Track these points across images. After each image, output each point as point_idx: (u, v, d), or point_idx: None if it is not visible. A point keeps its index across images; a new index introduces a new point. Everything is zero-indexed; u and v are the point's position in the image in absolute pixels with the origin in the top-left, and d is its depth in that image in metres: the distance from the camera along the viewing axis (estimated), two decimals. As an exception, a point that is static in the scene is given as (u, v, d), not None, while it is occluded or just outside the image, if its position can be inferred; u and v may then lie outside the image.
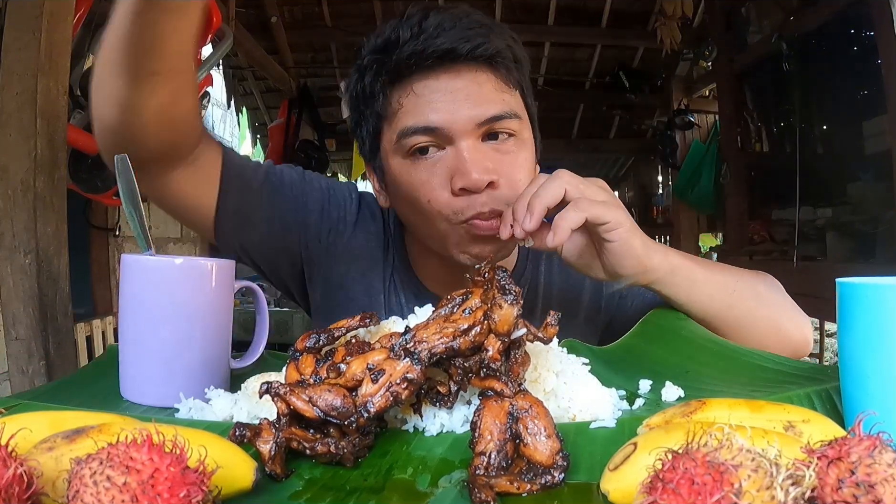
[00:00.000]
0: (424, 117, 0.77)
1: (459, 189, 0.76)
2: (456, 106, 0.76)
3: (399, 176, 0.81)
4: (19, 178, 1.36)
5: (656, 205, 6.01)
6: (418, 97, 0.77)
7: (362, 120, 0.84)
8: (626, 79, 5.03)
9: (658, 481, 0.32)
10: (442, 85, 0.77)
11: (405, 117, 0.78)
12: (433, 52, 0.75)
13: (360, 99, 0.83)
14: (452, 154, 0.77)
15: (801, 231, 3.03)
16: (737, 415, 0.46)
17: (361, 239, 0.95)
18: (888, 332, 0.47)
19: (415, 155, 0.79)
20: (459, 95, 0.77)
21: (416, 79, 0.77)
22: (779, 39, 3.23)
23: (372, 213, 0.97)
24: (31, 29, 1.37)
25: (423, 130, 0.77)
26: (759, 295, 0.83)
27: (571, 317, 0.96)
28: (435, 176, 0.78)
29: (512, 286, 0.53)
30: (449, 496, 0.44)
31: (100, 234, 3.03)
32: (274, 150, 4.74)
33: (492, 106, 0.77)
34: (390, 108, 0.79)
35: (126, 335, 0.66)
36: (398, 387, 0.49)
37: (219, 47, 2.66)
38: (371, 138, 0.84)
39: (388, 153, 0.82)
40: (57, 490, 0.35)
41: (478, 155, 0.77)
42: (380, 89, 0.79)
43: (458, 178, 0.76)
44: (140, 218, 0.71)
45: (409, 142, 0.78)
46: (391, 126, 0.80)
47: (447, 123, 0.76)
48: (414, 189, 0.79)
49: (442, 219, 0.78)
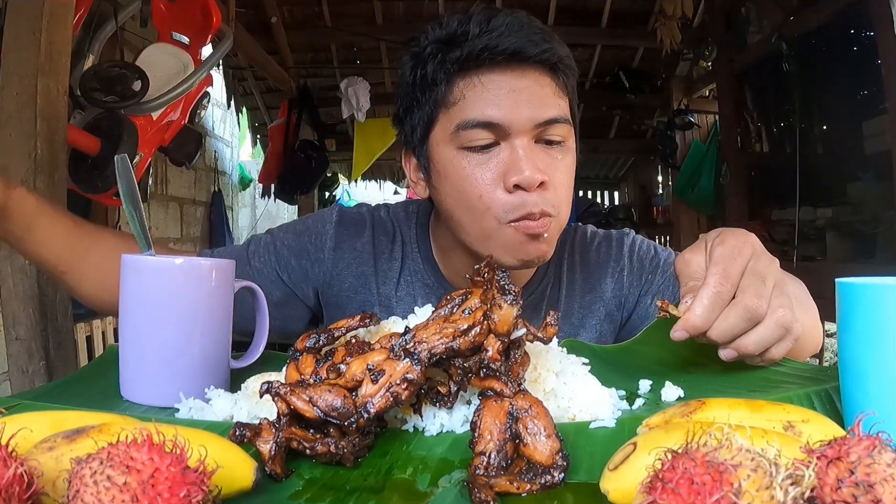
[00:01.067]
0: (486, 111, 0.79)
1: (513, 186, 0.78)
2: (518, 104, 0.79)
3: (450, 167, 0.82)
4: (19, 178, 1.35)
5: (656, 205, 6.01)
6: (485, 89, 0.79)
7: (415, 106, 0.85)
8: (626, 79, 5.03)
9: (658, 481, 0.32)
10: (507, 82, 0.79)
11: (467, 108, 0.80)
12: (505, 49, 0.78)
13: (417, 86, 0.84)
14: (507, 151, 0.79)
15: (801, 231, 3.03)
16: (736, 415, 0.46)
17: (347, 258, 0.96)
18: (888, 332, 0.47)
19: (470, 149, 0.80)
20: (522, 95, 0.79)
21: (484, 72, 0.80)
22: (779, 39, 3.23)
23: (356, 228, 0.97)
24: (31, 29, 1.37)
25: (484, 125, 0.79)
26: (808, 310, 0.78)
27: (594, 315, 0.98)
28: (488, 171, 0.80)
29: (511, 286, 0.53)
30: (449, 496, 0.44)
31: (100, 234, 3.02)
32: (274, 151, 4.74)
33: (550, 109, 0.80)
34: (451, 97, 0.81)
35: (126, 335, 0.66)
36: (398, 387, 0.49)
37: (219, 47, 2.66)
38: (423, 126, 0.85)
39: (441, 142, 0.83)
40: (57, 490, 0.35)
41: (532, 154, 0.79)
42: (443, 77, 0.81)
43: (513, 174, 0.78)
44: (140, 218, 0.71)
45: (467, 135, 0.80)
46: (449, 115, 0.81)
47: (507, 120, 0.78)
48: (465, 182, 0.80)
49: (491, 216, 0.80)
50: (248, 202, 6.95)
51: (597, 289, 0.98)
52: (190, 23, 2.53)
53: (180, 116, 2.69)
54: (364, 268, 0.96)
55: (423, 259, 0.96)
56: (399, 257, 0.97)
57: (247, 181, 6.34)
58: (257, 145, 5.81)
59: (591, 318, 0.98)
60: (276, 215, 7.83)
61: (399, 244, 0.97)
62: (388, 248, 0.97)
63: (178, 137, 2.71)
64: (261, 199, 6.29)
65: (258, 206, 7.16)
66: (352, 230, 0.97)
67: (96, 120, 2.14)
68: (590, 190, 7.22)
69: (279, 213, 7.80)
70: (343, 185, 7.50)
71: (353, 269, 0.96)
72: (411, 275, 0.96)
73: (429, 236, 0.97)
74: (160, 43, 2.51)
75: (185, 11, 2.51)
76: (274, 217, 7.81)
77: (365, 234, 0.97)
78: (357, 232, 0.97)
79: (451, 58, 0.80)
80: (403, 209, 1.01)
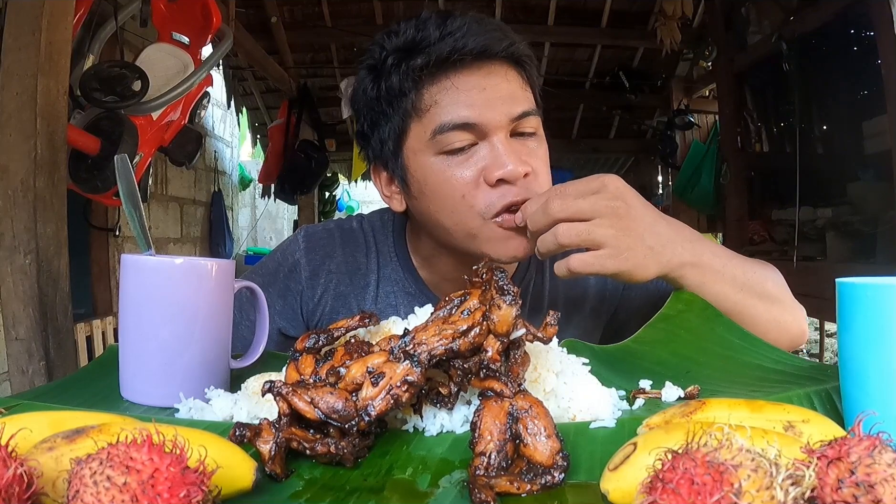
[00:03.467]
0: (461, 113, 0.79)
1: (497, 180, 0.78)
2: (491, 102, 0.79)
3: (432, 174, 0.81)
4: (19, 178, 1.36)
5: (656, 205, 5.98)
6: (457, 91, 0.79)
7: (383, 120, 0.84)
8: (626, 79, 5.03)
9: (658, 481, 0.32)
10: (476, 81, 0.80)
11: (441, 113, 0.79)
12: (472, 49, 0.78)
13: (381, 100, 0.83)
14: (486, 149, 0.80)
15: (801, 231, 3.03)
16: (736, 415, 0.46)
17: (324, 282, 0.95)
18: (888, 332, 0.47)
19: (449, 152, 0.80)
20: (493, 92, 0.79)
21: (453, 74, 0.79)
22: (779, 39, 3.23)
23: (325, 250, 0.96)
24: (31, 29, 1.37)
25: (461, 126, 0.79)
26: (767, 292, 0.83)
27: (578, 310, 0.98)
28: (468, 170, 0.80)
29: (510, 286, 0.53)
30: (449, 496, 0.44)
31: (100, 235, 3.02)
32: (274, 151, 4.74)
33: (521, 103, 0.81)
34: (423, 104, 0.80)
35: (126, 335, 0.66)
36: (398, 389, 0.49)
37: (219, 47, 2.66)
38: (394, 138, 0.84)
39: (417, 151, 0.82)
40: (57, 490, 0.35)
41: (512, 147, 0.80)
42: (411, 86, 0.80)
43: (496, 169, 0.78)
44: (140, 218, 0.71)
45: (446, 138, 0.79)
46: (422, 123, 0.81)
47: (483, 119, 0.79)
48: (447, 185, 0.80)
49: (475, 214, 0.80)
50: (248, 202, 6.95)
51: (580, 283, 0.97)
52: (190, 23, 2.53)
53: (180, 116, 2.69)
54: (342, 287, 0.95)
55: (402, 267, 0.95)
56: (375, 269, 0.96)
57: (247, 181, 6.35)
58: (257, 145, 5.81)
59: (577, 313, 0.98)
60: (276, 215, 7.83)
61: (374, 255, 0.96)
62: (364, 262, 0.96)
63: (178, 137, 2.71)
64: (261, 199, 6.30)
65: (258, 206, 7.16)
66: (321, 253, 0.96)
67: (96, 120, 2.15)
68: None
69: (279, 212, 7.81)
70: (343, 185, 7.49)
71: (331, 290, 0.95)
72: (391, 284, 0.95)
73: (405, 244, 0.96)
74: (160, 43, 2.51)
75: (185, 11, 2.51)
76: (274, 217, 7.81)
77: (336, 254, 0.96)
78: (327, 254, 0.96)
79: (416, 65, 0.79)
80: (380, 217, 1.00)
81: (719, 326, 0.76)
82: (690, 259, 0.77)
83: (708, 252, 0.79)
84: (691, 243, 0.78)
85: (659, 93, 5.11)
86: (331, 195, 6.56)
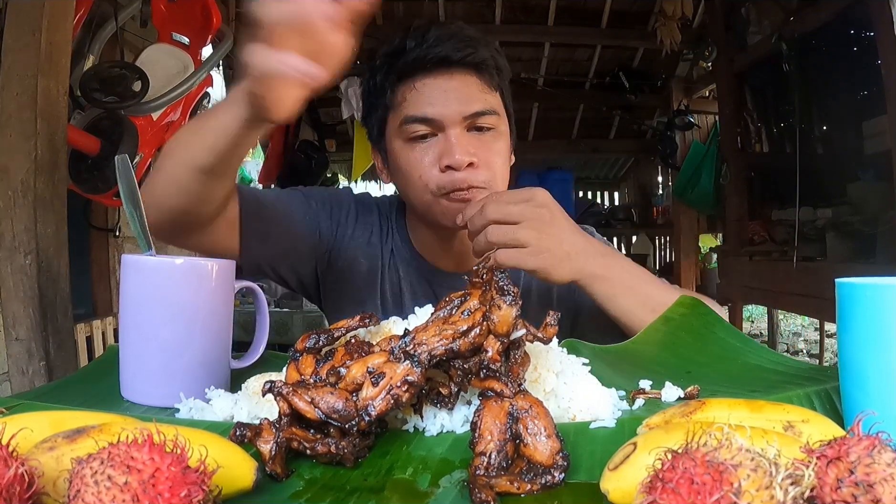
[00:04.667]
0: (422, 109, 0.94)
1: (445, 166, 0.93)
2: (448, 102, 0.94)
3: (399, 156, 0.98)
4: (19, 178, 1.36)
5: (656, 205, 6.01)
6: (419, 92, 0.95)
7: (372, 110, 1.02)
8: (626, 79, 5.02)
9: (658, 481, 0.32)
10: (438, 84, 0.95)
11: (407, 108, 0.95)
12: (432, 58, 0.94)
13: (372, 93, 1.01)
14: (442, 140, 0.95)
15: (800, 231, 3.02)
16: (736, 415, 0.46)
17: (360, 230, 1.11)
18: (888, 332, 0.47)
19: (413, 140, 0.96)
20: (451, 94, 0.95)
21: (418, 78, 0.95)
22: (779, 39, 3.23)
23: (368, 209, 1.13)
24: (31, 29, 1.37)
25: (421, 120, 0.95)
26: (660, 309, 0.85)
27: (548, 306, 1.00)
28: (426, 156, 0.95)
29: (510, 287, 0.53)
30: (449, 496, 0.44)
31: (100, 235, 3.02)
32: (274, 151, 4.73)
33: (476, 103, 0.95)
34: (396, 100, 0.97)
35: (126, 335, 0.66)
36: (399, 390, 0.49)
37: (219, 48, 2.65)
38: (378, 124, 1.02)
39: (392, 137, 0.99)
40: (58, 490, 0.35)
41: (462, 140, 0.94)
42: (388, 85, 0.97)
43: (445, 157, 0.93)
44: (140, 218, 0.71)
45: (409, 128, 0.95)
46: (395, 115, 0.97)
47: (440, 115, 0.94)
48: (410, 166, 0.97)
49: (428, 191, 0.95)
50: (248, 202, 6.94)
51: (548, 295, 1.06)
52: (190, 23, 2.53)
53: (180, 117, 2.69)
54: (374, 238, 1.10)
55: (401, 239, 1.11)
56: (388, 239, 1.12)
57: (247, 181, 6.34)
58: (257, 145, 5.80)
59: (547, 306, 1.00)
60: (276, 215, 7.82)
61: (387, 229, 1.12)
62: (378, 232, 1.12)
63: (179, 138, 2.71)
64: (261, 199, 6.28)
65: (258, 207, 7.15)
66: (365, 208, 1.13)
67: (96, 120, 2.15)
68: (590, 190, 7.22)
69: (279, 213, 7.80)
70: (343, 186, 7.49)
71: (364, 239, 1.10)
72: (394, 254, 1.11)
73: (405, 221, 1.12)
74: (160, 43, 2.51)
75: (185, 12, 2.51)
76: (274, 217, 7.80)
77: (373, 214, 1.12)
78: (369, 209, 1.13)
79: (393, 69, 0.96)
80: (389, 200, 1.17)
81: (720, 329, 0.76)
82: (601, 272, 0.86)
83: (619, 268, 0.88)
84: (604, 258, 0.87)
85: (659, 93, 5.11)
86: (331, 195, 6.55)
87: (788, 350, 5.75)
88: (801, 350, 5.87)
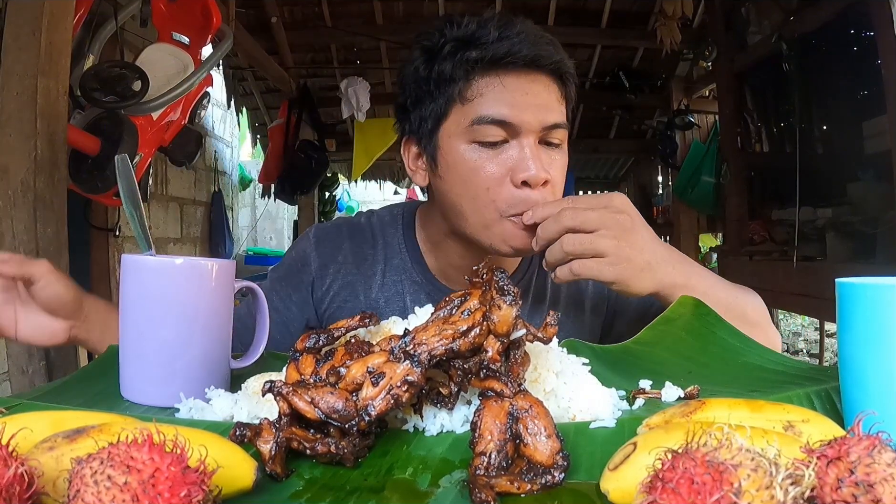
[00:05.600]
0: (502, 110, 0.84)
1: (521, 182, 0.83)
2: (529, 106, 0.84)
3: (460, 159, 0.86)
4: (19, 178, 1.36)
5: (656, 205, 6.00)
6: (503, 89, 0.84)
7: (427, 99, 0.89)
8: (626, 79, 5.02)
9: (658, 481, 0.32)
10: (522, 85, 0.85)
11: (484, 105, 0.84)
12: (525, 55, 0.84)
13: (430, 81, 0.88)
14: (516, 150, 0.84)
15: (800, 231, 3.02)
16: (736, 415, 0.46)
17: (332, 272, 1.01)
18: (888, 332, 0.47)
19: (483, 145, 0.85)
20: (533, 98, 0.85)
21: (503, 74, 0.85)
22: (779, 39, 3.23)
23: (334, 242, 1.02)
24: (31, 29, 1.37)
25: (499, 122, 0.84)
26: (747, 316, 0.86)
27: (578, 307, 1.01)
28: (496, 166, 0.84)
29: (510, 287, 0.53)
30: (449, 496, 0.44)
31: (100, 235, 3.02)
32: (274, 151, 4.73)
33: (555, 113, 0.87)
34: (469, 94, 0.85)
35: (126, 335, 0.66)
36: (399, 390, 0.49)
37: (219, 47, 2.65)
38: (434, 118, 0.89)
39: (453, 135, 0.87)
40: (57, 489, 0.35)
41: (539, 153, 0.85)
42: (462, 75, 0.85)
43: (522, 171, 0.83)
44: (140, 218, 0.71)
45: (483, 130, 0.84)
46: (464, 110, 0.86)
47: (519, 120, 0.84)
48: (474, 174, 0.85)
49: (494, 208, 0.85)
50: (248, 202, 6.95)
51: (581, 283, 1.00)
52: (190, 23, 2.53)
53: (180, 116, 2.69)
54: (349, 277, 1.00)
55: (410, 258, 1.00)
56: (381, 259, 1.00)
57: (247, 181, 6.34)
58: (257, 145, 5.80)
59: (578, 309, 1.00)
60: (276, 215, 7.83)
61: (381, 246, 1.01)
62: (370, 253, 1.01)
63: (178, 137, 2.71)
64: (261, 199, 6.30)
65: (258, 206, 7.16)
66: (330, 246, 1.02)
67: (96, 120, 2.14)
68: (590, 190, 7.22)
69: (279, 213, 7.80)
70: (343, 186, 7.49)
71: (339, 280, 1.00)
72: (397, 273, 1.00)
73: (415, 236, 1.01)
74: (160, 43, 2.51)
75: (185, 11, 2.51)
76: (274, 217, 7.80)
77: (344, 246, 1.02)
78: (336, 246, 1.02)
79: (472, 57, 0.84)
80: (389, 212, 1.06)
81: (720, 329, 0.76)
82: (682, 281, 0.82)
83: (696, 275, 0.84)
84: (682, 265, 0.83)
85: (659, 93, 5.10)
86: (331, 195, 6.55)
87: (788, 350, 5.75)
88: (801, 350, 5.87)
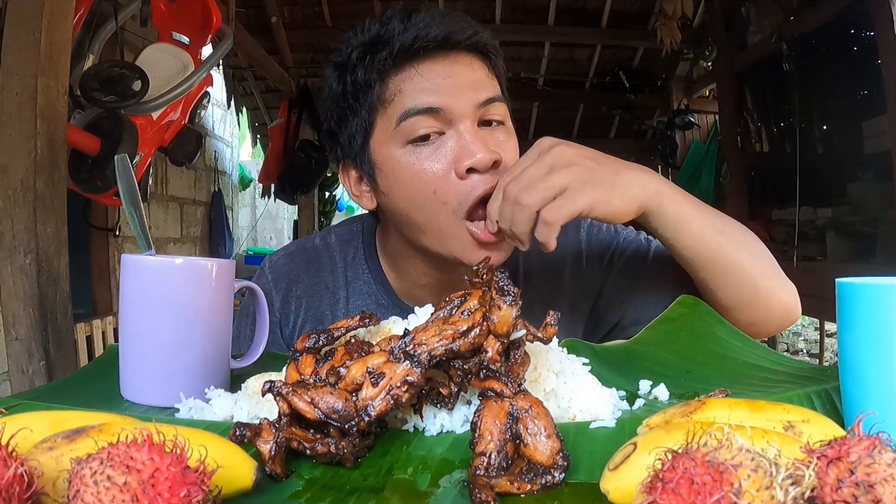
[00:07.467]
0: (425, 98, 0.78)
1: (467, 170, 0.77)
2: (455, 89, 0.78)
3: (398, 166, 0.80)
4: (19, 178, 1.36)
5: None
6: (421, 78, 0.78)
7: (349, 114, 0.84)
8: (626, 79, 5.02)
9: (658, 481, 0.32)
10: (441, 69, 0.79)
11: (406, 100, 0.78)
12: (436, 36, 0.78)
13: (347, 95, 0.83)
14: (454, 139, 0.78)
15: (801, 231, 3.03)
16: (736, 415, 0.46)
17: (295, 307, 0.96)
18: (888, 332, 0.47)
19: (415, 142, 0.79)
20: (458, 79, 0.79)
21: (417, 63, 0.79)
22: (779, 39, 3.23)
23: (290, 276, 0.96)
24: (31, 29, 1.37)
25: (426, 111, 0.78)
26: (746, 241, 0.81)
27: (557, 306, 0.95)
28: (437, 162, 0.78)
29: (510, 287, 0.53)
30: (449, 496, 0.44)
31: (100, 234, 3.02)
32: (274, 151, 4.73)
33: (487, 90, 0.80)
34: (387, 95, 0.80)
35: (126, 335, 0.66)
36: (398, 390, 0.49)
37: (219, 47, 2.66)
38: (361, 131, 0.83)
39: (384, 143, 0.81)
40: (57, 490, 0.35)
41: (481, 135, 0.79)
42: (376, 77, 0.80)
43: (465, 158, 0.77)
44: (140, 218, 0.71)
45: (412, 125, 0.78)
46: (388, 113, 0.80)
47: (448, 104, 0.78)
48: (416, 178, 0.79)
49: (448, 211, 0.78)
50: (248, 202, 6.95)
51: (555, 280, 0.94)
52: (190, 23, 2.53)
53: (180, 116, 2.69)
54: (312, 310, 0.95)
55: (374, 279, 0.94)
56: (343, 284, 0.95)
57: (247, 181, 6.34)
58: (257, 145, 5.80)
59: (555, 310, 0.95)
60: (276, 215, 7.83)
61: (341, 270, 0.96)
62: (330, 280, 0.96)
63: (178, 137, 2.72)
64: (261, 199, 6.29)
65: (258, 206, 7.16)
66: (286, 280, 0.97)
67: (96, 120, 2.15)
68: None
69: (279, 212, 7.81)
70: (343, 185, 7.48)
71: (303, 314, 0.96)
72: (361, 297, 0.94)
73: (377, 254, 0.95)
74: (160, 43, 2.52)
75: (185, 11, 2.51)
76: (274, 217, 7.81)
77: (301, 278, 0.96)
78: (292, 280, 0.96)
79: (381, 56, 0.79)
80: (349, 230, 0.99)
81: (720, 329, 0.76)
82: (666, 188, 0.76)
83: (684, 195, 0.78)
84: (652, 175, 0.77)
85: (659, 93, 5.11)
86: (331, 195, 6.55)
87: (788, 350, 5.75)
88: (801, 350, 5.87)
